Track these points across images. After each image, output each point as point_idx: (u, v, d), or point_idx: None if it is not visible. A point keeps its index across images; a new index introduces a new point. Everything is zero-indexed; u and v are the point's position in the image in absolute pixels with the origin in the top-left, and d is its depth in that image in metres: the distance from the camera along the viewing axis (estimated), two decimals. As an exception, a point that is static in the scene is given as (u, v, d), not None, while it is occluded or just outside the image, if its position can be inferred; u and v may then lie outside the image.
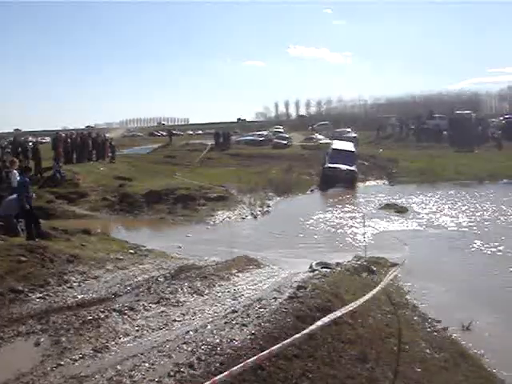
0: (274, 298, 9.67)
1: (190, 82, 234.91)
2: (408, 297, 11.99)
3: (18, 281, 10.63)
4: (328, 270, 13.05)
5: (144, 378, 5.65)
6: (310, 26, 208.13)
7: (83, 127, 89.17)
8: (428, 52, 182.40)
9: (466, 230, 20.24)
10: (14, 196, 15.08)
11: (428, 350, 8.81)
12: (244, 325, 7.78)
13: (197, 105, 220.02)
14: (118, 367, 6.14)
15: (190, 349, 6.74)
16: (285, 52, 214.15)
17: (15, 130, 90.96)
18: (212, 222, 23.02)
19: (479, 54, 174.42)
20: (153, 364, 6.20)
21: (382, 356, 7.98)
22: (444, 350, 8.94)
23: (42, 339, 7.49)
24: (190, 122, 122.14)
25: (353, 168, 34.74)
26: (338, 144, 39.52)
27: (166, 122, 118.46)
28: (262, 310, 8.76)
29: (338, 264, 14.49)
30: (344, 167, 34.06)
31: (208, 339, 7.15)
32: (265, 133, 59.55)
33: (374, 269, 13.88)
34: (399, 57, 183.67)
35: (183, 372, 5.83)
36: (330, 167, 34.41)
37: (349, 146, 38.63)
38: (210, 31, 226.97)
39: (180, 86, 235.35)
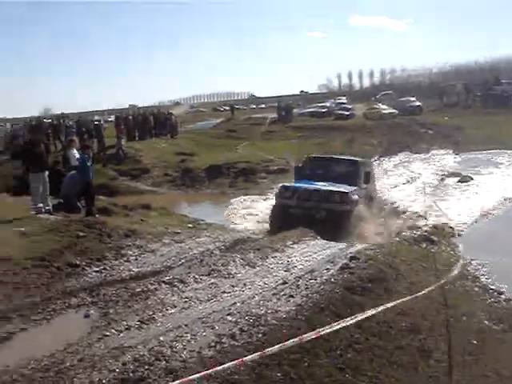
0: (326, 269, 9.56)
1: (251, 56, 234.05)
2: (469, 268, 11.63)
3: (75, 255, 10.86)
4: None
5: (184, 349, 5.68)
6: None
7: (148, 105, 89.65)
8: (495, 14, 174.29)
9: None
10: (73, 172, 15.41)
11: (486, 322, 8.52)
12: (291, 296, 7.72)
13: (260, 79, 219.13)
14: (161, 338, 6.19)
15: (233, 320, 6.74)
16: (345, 22, 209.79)
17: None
18: (273, 195, 22.99)
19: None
20: (195, 335, 6.22)
21: (436, 327, 7.77)
22: (503, 322, 8.63)
23: (92, 311, 7.64)
24: (249, 95, 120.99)
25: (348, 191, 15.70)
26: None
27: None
28: (312, 281, 8.67)
29: (397, 234, 14.26)
30: (328, 188, 15.90)
31: (253, 310, 7.13)
32: (327, 104, 58.88)
33: (435, 239, 13.56)
34: (464, 21, 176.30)
35: (224, 343, 5.84)
36: (289, 188, 16.51)
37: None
38: (269, 4, 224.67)
39: (242, 60, 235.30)
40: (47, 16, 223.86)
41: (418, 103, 53.29)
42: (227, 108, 72.78)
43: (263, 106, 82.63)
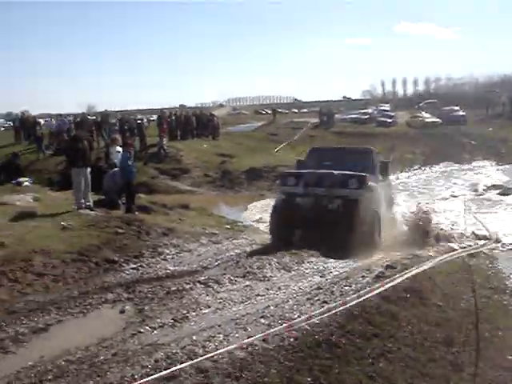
0: (361, 276, 9.50)
1: (295, 60, 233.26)
2: (508, 282, 11.41)
3: (114, 251, 11.08)
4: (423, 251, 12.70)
5: (217, 349, 5.71)
6: (416, 1, 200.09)
7: (191, 106, 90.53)
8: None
9: None
10: (114, 170, 15.65)
11: (525, 338, 8.36)
12: (325, 302, 7.69)
13: (302, 83, 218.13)
14: (194, 337, 6.23)
15: (266, 323, 6.74)
16: (390, 29, 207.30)
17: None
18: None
19: None
20: (227, 336, 6.25)
21: (471, 341, 7.63)
22: (543, 338, 8.45)
23: (127, 307, 7.75)
24: (293, 99, 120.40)
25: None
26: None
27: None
28: (347, 287, 8.63)
29: (433, 245, 14.06)
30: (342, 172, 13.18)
31: (287, 314, 7.13)
32: (369, 111, 58.58)
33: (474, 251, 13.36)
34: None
35: (256, 345, 5.84)
36: (293, 173, 14.15)
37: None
38: (313, 8, 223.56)
39: (285, 64, 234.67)
40: (98, 17, 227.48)
41: (462, 113, 52.64)
42: (269, 111, 72.78)
43: (305, 110, 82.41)
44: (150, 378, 4.95)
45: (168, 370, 5.11)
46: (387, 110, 60.87)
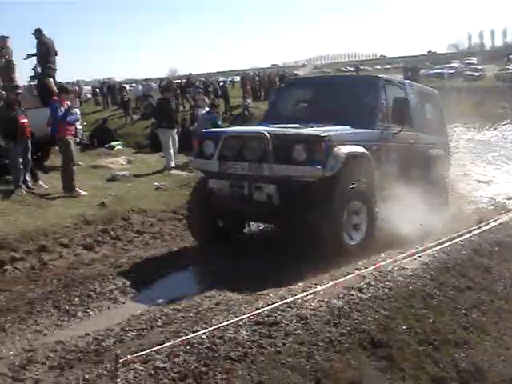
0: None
1: (379, 15, 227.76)
2: None
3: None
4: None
5: (314, 299, 5.85)
6: None
7: (269, 66, 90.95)
8: None
9: None
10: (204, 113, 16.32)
11: None
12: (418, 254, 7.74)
13: (385, 38, 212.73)
14: (292, 288, 6.45)
15: (361, 275, 6.83)
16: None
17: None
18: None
19: None
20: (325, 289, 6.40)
21: None
22: None
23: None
24: (379, 55, 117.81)
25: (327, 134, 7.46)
26: None
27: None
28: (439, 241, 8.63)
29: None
30: (284, 131, 7.89)
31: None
32: (456, 65, 56.83)
33: None
34: None
35: (352, 295, 5.98)
36: (209, 136, 8.74)
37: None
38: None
39: (367, 20, 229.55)
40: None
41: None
42: (351, 69, 71.73)
43: (389, 66, 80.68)
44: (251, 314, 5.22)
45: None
46: (474, 64, 58.91)
